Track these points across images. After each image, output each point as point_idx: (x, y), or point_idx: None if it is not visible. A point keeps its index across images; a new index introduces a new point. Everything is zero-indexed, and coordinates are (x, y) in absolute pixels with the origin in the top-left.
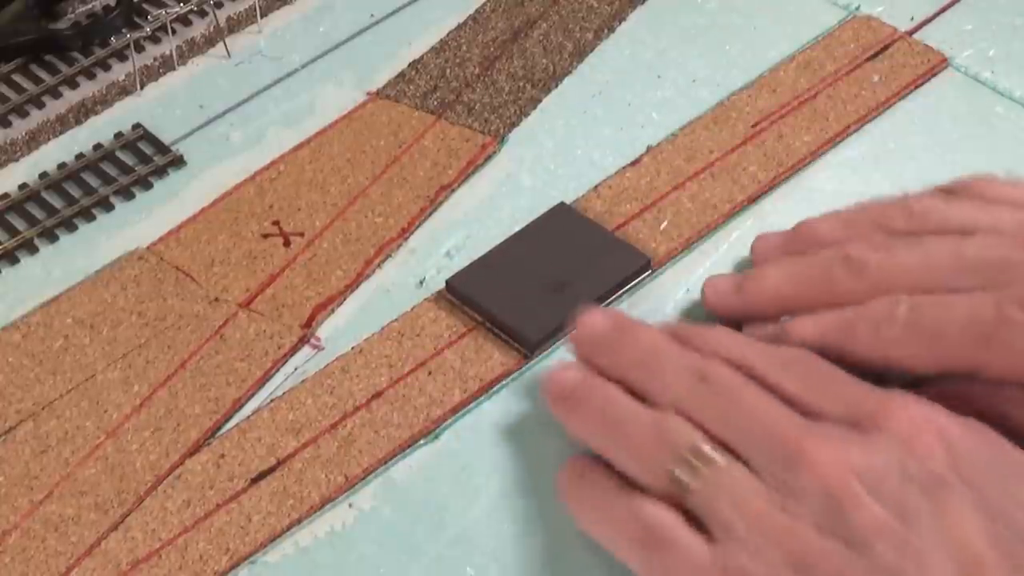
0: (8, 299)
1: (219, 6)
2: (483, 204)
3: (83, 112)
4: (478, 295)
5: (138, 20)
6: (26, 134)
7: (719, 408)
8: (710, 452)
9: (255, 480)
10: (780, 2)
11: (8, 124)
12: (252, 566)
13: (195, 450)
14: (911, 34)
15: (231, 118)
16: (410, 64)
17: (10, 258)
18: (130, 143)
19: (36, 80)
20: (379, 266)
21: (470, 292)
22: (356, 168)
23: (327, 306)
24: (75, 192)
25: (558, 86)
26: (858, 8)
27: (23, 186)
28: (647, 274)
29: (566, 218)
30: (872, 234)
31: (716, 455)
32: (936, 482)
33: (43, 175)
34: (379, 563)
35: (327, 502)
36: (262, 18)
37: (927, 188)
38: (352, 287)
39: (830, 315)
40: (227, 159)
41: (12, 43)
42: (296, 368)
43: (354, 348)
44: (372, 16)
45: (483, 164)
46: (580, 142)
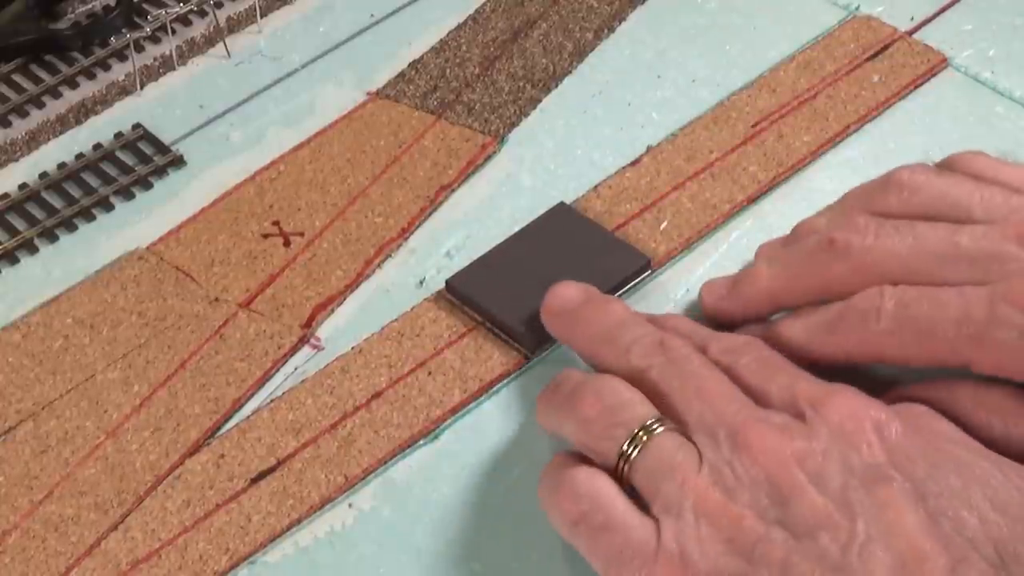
0: (8, 299)
1: (219, 6)
2: (483, 204)
3: (83, 112)
4: (478, 295)
5: (138, 20)
6: (26, 134)
7: (673, 380)
8: (658, 428)
9: (255, 480)
10: (780, 2)
11: (8, 124)
12: (252, 566)
13: (195, 450)
14: (911, 34)
15: (231, 118)
16: (410, 64)
17: (10, 258)
18: (130, 143)
19: (36, 80)
20: (379, 266)
21: (470, 292)
22: (356, 168)
23: (327, 306)
24: (75, 192)
25: (558, 86)
26: (858, 8)
27: (23, 186)
28: (647, 274)
29: (566, 218)
30: (860, 216)
31: (663, 431)
32: (876, 475)
33: (43, 175)
34: (379, 563)
35: (327, 502)
36: (262, 18)
37: (919, 162)
38: (352, 287)
39: (816, 313)
40: (227, 159)
41: (12, 43)
42: (296, 368)
43: (354, 348)
44: (372, 16)
45: (483, 164)
46: (580, 142)
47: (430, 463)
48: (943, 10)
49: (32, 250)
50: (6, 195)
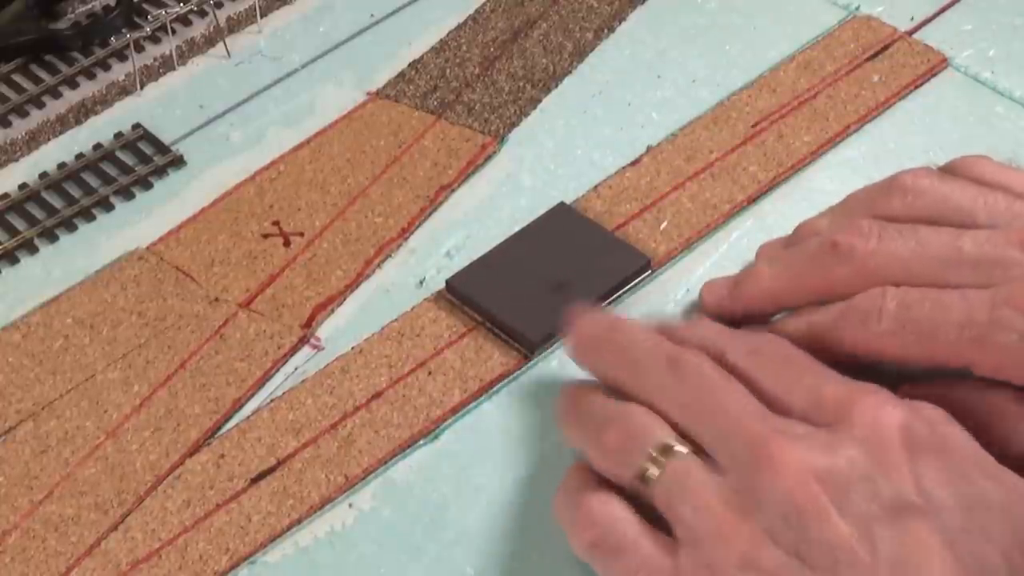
0: (8, 299)
1: (219, 6)
2: (483, 204)
3: (83, 112)
4: (478, 295)
5: (138, 20)
6: (26, 134)
7: (688, 400)
8: (676, 447)
9: (255, 480)
10: (780, 2)
11: (8, 124)
12: (252, 566)
13: (195, 450)
14: (911, 34)
15: (231, 118)
16: (410, 64)
17: (10, 258)
18: (130, 143)
19: (36, 80)
20: (379, 266)
21: (470, 292)
22: (356, 168)
23: (327, 306)
24: (75, 192)
25: (558, 86)
26: (858, 8)
27: (23, 186)
28: (647, 274)
29: (566, 218)
30: (863, 220)
31: (682, 451)
32: (902, 506)
33: (43, 175)
34: (379, 563)
35: (327, 502)
36: (262, 18)
37: (922, 166)
38: (352, 287)
39: (818, 312)
40: (227, 159)
41: (12, 43)
42: (296, 368)
43: (354, 348)
44: (372, 16)
45: (483, 164)
46: (580, 142)
47: (430, 463)
48: (943, 10)
49: (32, 250)
50: (6, 195)
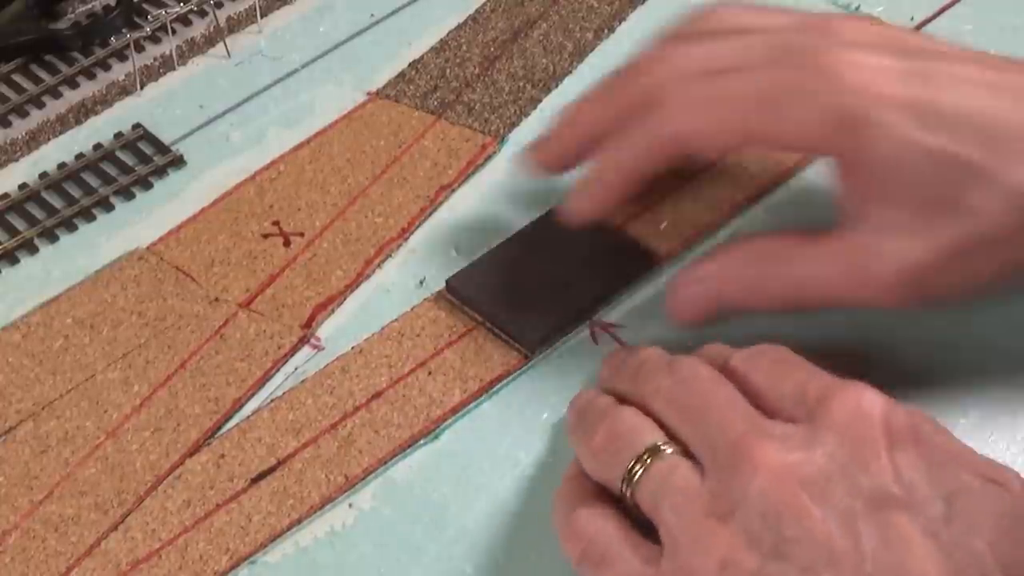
0: (8, 299)
1: (219, 6)
2: (483, 204)
3: (83, 112)
4: (478, 295)
5: (138, 20)
6: (26, 134)
7: (678, 401)
8: (663, 448)
9: (255, 480)
10: (780, 2)
11: (8, 124)
12: (252, 566)
13: (195, 450)
14: None
15: (231, 118)
16: (410, 64)
17: (10, 258)
18: (130, 143)
19: (36, 80)
20: (379, 266)
21: (470, 292)
22: (356, 168)
23: (327, 306)
24: (75, 192)
25: (558, 86)
26: (858, 8)
27: (23, 186)
28: (647, 273)
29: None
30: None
31: (667, 452)
32: (882, 497)
33: (43, 175)
34: (379, 563)
35: (327, 502)
36: (262, 18)
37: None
38: (352, 287)
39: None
40: (227, 159)
41: (12, 43)
42: (296, 368)
43: (354, 348)
44: (372, 16)
45: (483, 164)
46: None
47: (430, 463)
48: (943, 10)
49: (32, 250)
50: (6, 195)
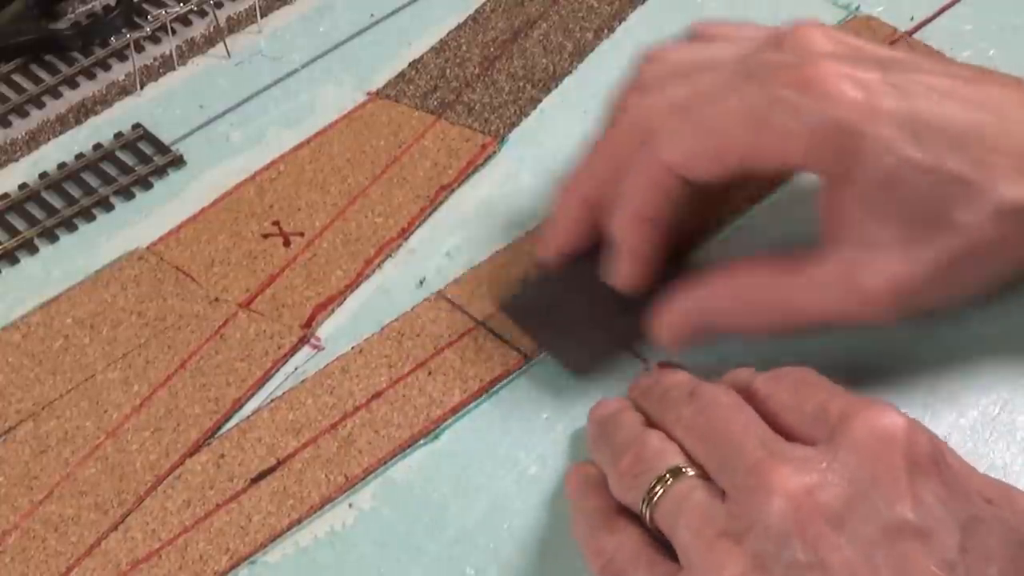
0: (8, 299)
1: (219, 6)
2: (483, 204)
3: (83, 112)
4: (528, 318)
5: (138, 20)
6: (26, 134)
7: (699, 426)
8: (684, 471)
9: (255, 480)
10: (780, 2)
11: (8, 124)
12: (252, 566)
13: (195, 450)
14: (911, 34)
15: (231, 118)
16: (410, 64)
17: (10, 258)
18: (130, 143)
19: (36, 80)
20: (379, 266)
21: (521, 315)
22: (356, 168)
23: (327, 306)
24: (75, 192)
25: (558, 86)
26: (858, 8)
27: (23, 186)
28: None
29: None
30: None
31: (688, 475)
32: (899, 526)
33: (43, 175)
34: (379, 563)
35: (327, 502)
36: (262, 18)
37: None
38: (352, 287)
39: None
40: (227, 159)
41: (12, 43)
42: (296, 368)
43: (354, 348)
44: (372, 16)
45: (483, 164)
46: (580, 142)
47: (430, 463)
48: (943, 10)
49: (32, 250)
50: (6, 195)
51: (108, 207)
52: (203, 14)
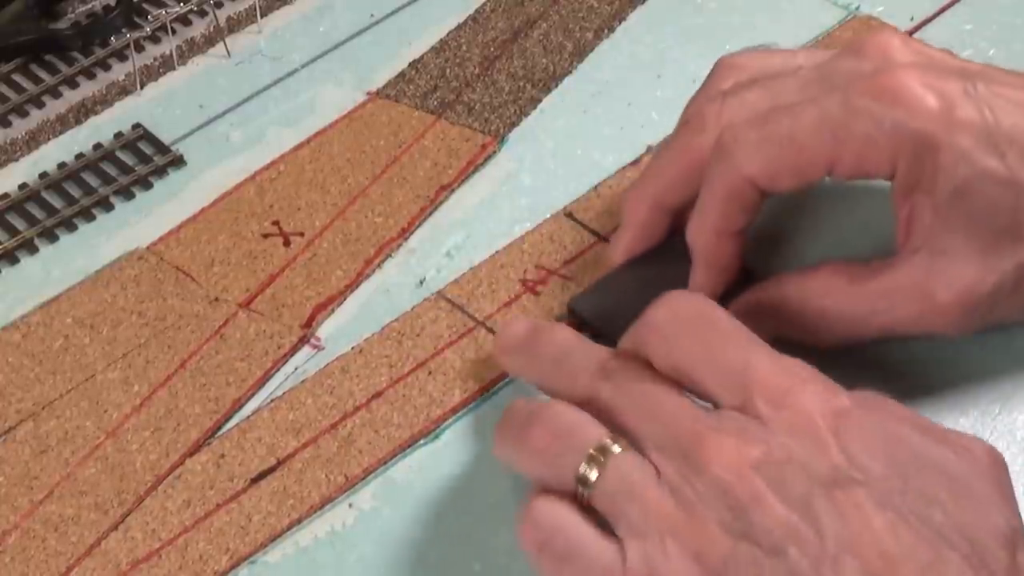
0: (8, 299)
1: (219, 6)
2: (483, 204)
3: (83, 112)
4: (597, 318)
5: (138, 20)
6: (26, 134)
7: (623, 402)
8: (613, 448)
9: (255, 480)
10: (780, 2)
11: (8, 124)
12: (252, 566)
13: (195, 450)
14: (911, 34)
15: (231, 118)
16: (410, 64)
17: (10, 258)
18: (130, 143)
19: (36, 80)
20: (379, 266)
21: (590, 315)
22: (356, 168)
23: (327, 306)
24: (75, 192)
25: (558, 86)
26: (858, 8)
27: (23, 186)
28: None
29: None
30: (704, 101)
31: (620, 451)
32: (837, 478)
33: (43, 175)
34: (379, 563)
35: (327, 502)
36: (262, 18)
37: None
38: (352, 287)
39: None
40: (227, 159)
41: (12, 43)
42: (296, 368)
43: (354, 348)
44: (372, 16)
45: (483, 164)
46: (580, 142)
47: (430, 463)
48: (943, 10)
49: (32, 250)
50: (6, 195)
51: (108, 207)
52: (203, 14)
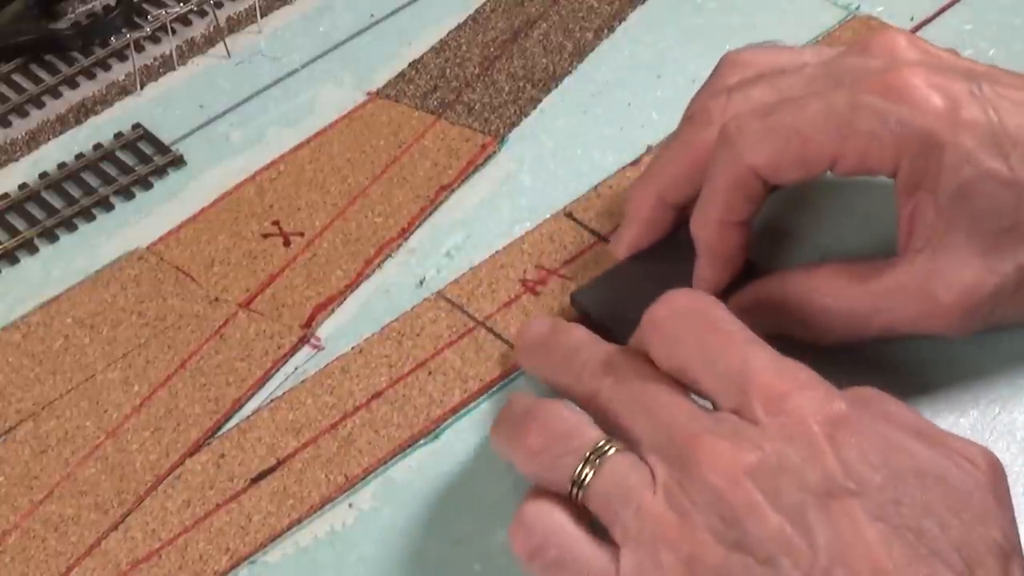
0: (8, 299)
1: (219, 6)
2: (483, 204)
3: (83, 112)
4: (600, 310)
5: (138, 20)
6: (26, 134)
7: (621, 399)
8: (609, 450)
9: (255, 480)
10: (780, 2)
11: (8, 124)
12: (252, 566)
13: (195, 450)
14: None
15: (231, 118)
16: (410, 64)
17: (10, 258)
18: (130, 143)
19: (36, 80)
20: (379, 266)
21: (592, 307)
22: (356, 168)
23: (327, 306)
24: (75, 192)
25: (558, 86)
26: (858, 8)
27: (23, 186)
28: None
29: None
30: (708, 96)
31: (615, 453)
32: (831, 489)
33: (43, 175)
34: (379, 563)
35: (327, 502)
36: (262, 18)
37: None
38: (352, 287)
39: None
40: (227, 159)
41: (12, 43)
42: (296, 368)
43: (354, 348)
44: (372, 16)
45: (483, 164)
46: (580, 142)
47: (430, 463)
48: (943, 10)
49: (32, 250)
50: (6, 195)
51: (108, 207)
52: (203, 14)
